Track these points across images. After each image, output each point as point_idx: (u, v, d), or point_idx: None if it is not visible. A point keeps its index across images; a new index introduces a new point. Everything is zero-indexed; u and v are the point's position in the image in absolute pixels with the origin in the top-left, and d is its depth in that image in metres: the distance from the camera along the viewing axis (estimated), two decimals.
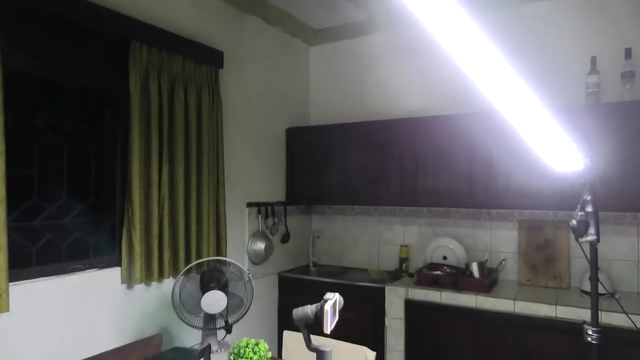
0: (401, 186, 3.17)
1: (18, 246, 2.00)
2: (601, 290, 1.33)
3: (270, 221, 3.43)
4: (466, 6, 0.85)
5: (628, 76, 2.66)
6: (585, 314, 2.35)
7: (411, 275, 3.27)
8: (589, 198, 1.26)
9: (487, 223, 3.22)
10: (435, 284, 2.89)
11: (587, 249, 1.32)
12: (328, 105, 3.90)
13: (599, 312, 1.33)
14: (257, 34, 3.34)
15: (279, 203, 3.53)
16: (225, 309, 2.01)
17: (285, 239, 3.57)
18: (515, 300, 2.57)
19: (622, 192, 2.48)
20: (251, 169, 3.28)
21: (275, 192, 3.54)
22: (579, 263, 2.89)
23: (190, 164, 2.60)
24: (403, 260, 3.43)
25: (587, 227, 1.28)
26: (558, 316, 2.44)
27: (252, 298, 2.14)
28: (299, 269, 3.69)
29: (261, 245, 3.24)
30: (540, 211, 3.02)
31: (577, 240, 1.32)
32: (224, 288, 2.06)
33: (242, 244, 3.18)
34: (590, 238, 1.28)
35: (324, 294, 1.18)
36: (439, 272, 2.99)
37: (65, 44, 2.15)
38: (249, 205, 3.22)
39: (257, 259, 3.26)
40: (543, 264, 2.95)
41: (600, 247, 1.47)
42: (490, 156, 2.87)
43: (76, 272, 2.16)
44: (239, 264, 2.17)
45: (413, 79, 3.46)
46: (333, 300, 1.16)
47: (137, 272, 2.31)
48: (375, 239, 3.67)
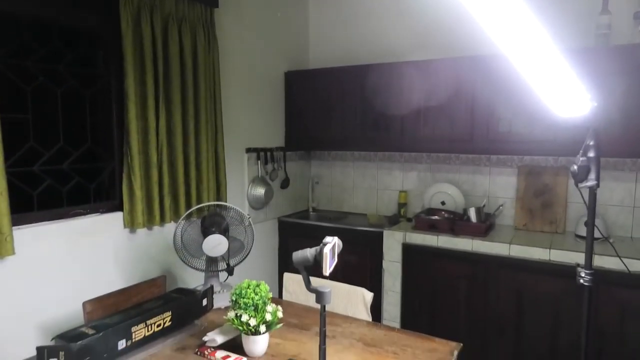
0: (401, 132, 3.14)
1: (19, 192, 2.01)
2: (596, 234, 1.35)
3: (269, 167, 3.43)
4: None
5: None
6: (579, 258, 2.41)
7: (409, 220, 3.32)
8: (591, 143, 1.24)
9: (486, 169, 3.22)
10: (432, 228, 2.94)
11: (585, 194, 1.33)
12: (328, 48, 3.77)
13: (592, 255, 1.36)
14: None
15: (278, 149, 3.51)
16: (226, 252, 2.05)
17: (284, 184, 3.59)
18: (510, 244, 2.62)
19: (624, 137, 2.46)
20: (250, 114, 3.23)
21: (274, 137, 3.51)
22: (575, 208, 2.92)
23: (187, 109, 2.55)
24: (401, 205, 3.47)
25: (587, 173, 1.28)
26: (552, 259, 2.51)
27: (253, 242, 2.17)
28: (298, 214, 3.74)
29: (261, 191, 3.26)
30: (540, 157, 3.01)
31: (576, 186, 1.32)
32: (224, 232, 2.09)
33: (242, 190, 3.20)
34: (590, 183, 1.27)
35: (323, 238, 1.19)
36: (436, 217, 3.03)
37: None
38: (248, 150, 3.21)
39: (257, 204, 3.30)
40: (540, 209, 2.99)
41: (598, 193, 1.48)
42: (492, 101, 2.82)
43: (78, 217, 2.18)
44: (239, 208, 2.18)
45: (416, 20, 3.32)
46: (332, 243, 1.18)
47: (139, 217, 2.34)
48: (374, 184, 3.69)
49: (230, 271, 2.14)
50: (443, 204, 3.28)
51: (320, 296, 1.11)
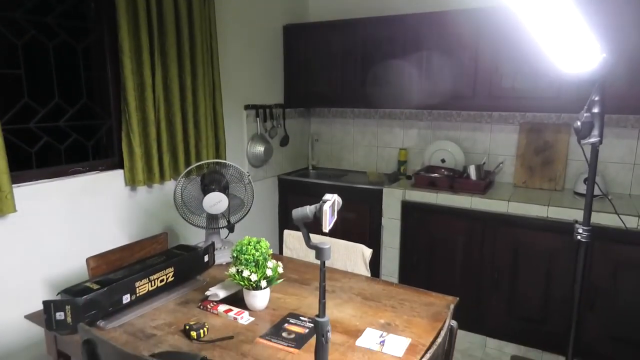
0: (403, 88, 3.08)
1: (16, 149, 2.00)
2: (595, 191, 1.35)
3: (268, 124, 3.39)
4: None
5: None
6: (576, 214, 2.43)
7: (409, 178, 3.33)
8: (597, 98, 1.22)
9: (487, 126, 3.19)
10: (432, 185, 2.95)
11: (587, 151, 1.31)
12: (328, 1, 3.63)
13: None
14: None
15: (277, 106, 3.46)
16: (226, 209, 2.06)
17: (284, 142, 3.56)
18: (509, 201, 2.64)
19: (629, 93, 2.42)
20: (248, 69, 3.16)
21: (273, 94, 3.45)
22: (575, 166, 2.92)
23: (183, 64, 2.49)
24: (401, 163, 3.46)
25: (591, 129, 1.26)
26: (549, 216, 2.53)
27: (253, 199, 2.18)
28: (298, 171, 3.74)
29: (260, 149, 3.24)
30: (543, 114, 2.97)
31: (579, 143, 1.30)
32: (224, 190, 2.09)
33: (241, 147, 3.18)
34: (592, 140, 1.26)
35: (323, 196, 1.19)
36: (436, 174, 3.03)
37: None
38: (247, 107, 3.16)
39: (257, 162, 3.29)
40: (539, 167, 2.98)
41: (599, 150, 1.46)
42: (496, 56, 2.75)
43: (77, 175, 2.18)
44: (238, 166, 2.18)
45: None
46: (332, 201, 1.18)
47: (140, 175, 2.34)
48: (374, 142, 3.66)
49: (230, 228, 2.16)
50: (443, 161, 3.27)
51: (319, 252, 1.12)
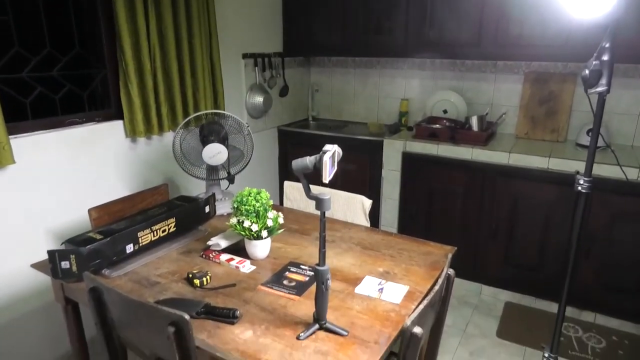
0: (406, 35, 2.98)
1: (10, 99, 1.96)
2: (598, 142, 1.33)
3: (267, 74, 3.31)
4: None
5: None
6: (577, 166, 2.42)
7: (410, 129, 3.30)
8: (607, 45, 1.17)
9: (492, 76, 3.12)
10: (433, 137, 2.92)
11: (594, 100, 1.28)
12: None
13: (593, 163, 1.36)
14: None
15: (276, 54, 3.36)
16: (226, 161, 2.05)
17: (283, 92, 3.50)
18: (510, 152, 2.62)
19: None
20: (245, 16, 3.04)
21: (271, 42, 3.34)
22: (578, 117, 2.88)
23: (178, 11, 2.40)
24: (403, 114, 3.42)
25: (599, 78, 1.22)
26: (550, 168, 2.52)
27: (252, 151, 2.17)
28: (298, 123, 3.70)
29: (259, 99, 3.19)
30: (549, 63, 2.90)
31: (585, 92, 1.27)
32: (223, 141, 2.07)
33: (240, 98, 3.12)
34: (600, 89, 1.22)
35: (323, 147, 1.17)
36: (437, 125, 2.99)
37: None
38: (245, 56, 3.07)
39: (256, 113, 3.24)
40: (543, 118, 2.94)
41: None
42: (503, 1, 2.63)
43: (75, 126, 2.15)
44: (237, 117, 2.15)
45: None
46: (332, 151, 1.16)
47: (140, 125, 2.32)
48: (375, 92, 3.59)
49: (231, 179, 2.17)
50: (445, 112, 3.22)
51: (320, 203, 1.12)
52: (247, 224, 1.55)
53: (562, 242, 2.58)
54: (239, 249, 1.67)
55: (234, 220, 1.60)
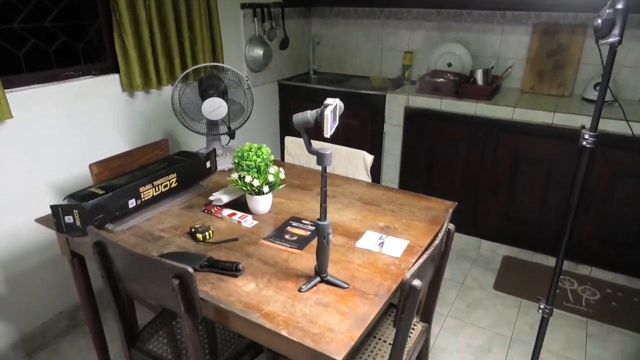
0: None
1: (3, 52, 1.91)
2: (606, 96, 1.30)
3: (267, 25, 3.21)
4: None
5: None
6: (582, 120, 2.39)
7: (413, 83, 3.23)
8: None
9: (499, 27, 3.01)
10: (436, 91, 2.87)
11: (604, 52, 1.24)
12: None
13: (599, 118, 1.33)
14: None
15: (275, 4, 3.24)
16: (226, 115, 2.02)
17: (283, 44, 3.40)
18: (514, 107, 2.58)
19: None
20: None
21: None
22: (586, 70, 2.80)
23: None
24: (406, 67, 3.33)
25: (611, 28, 1.17)
26: (554, 123, 2.49)
27: (253, 105, 2.13)
28: (299, 76, 3.62)
29: (259, 52, 3.10)
30: (559, 14, 2.79)
31: (596, 43, 1.22)
32: (223, 95, 2.03)
33: (239, 51, 3.04)
34: (612, 39, 1.18)
35: (324, 101, 1.15)
36: (441, 79, 2.93)
37: None
38: (243, 6, 2.96)
39: (256, 66, 3.17)
40: (550, 71, 2.87)
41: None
42: None
43: (71, 80, 2.11)
44: (236, 70, 2.10)
45: None
46: (333, 105, 1.14)
47: (137, 79, 2.27)
48: (378, 44, 3.49)
49: (231, 134, 2.14)
50: (449, 65, 3.14)
51: (321, 158, 1.11)
52: (248, 179, 1.55)
53: (562, 198, 2.59)
54: (240, 204, 1.68)
55: (235, 175, 1.60)
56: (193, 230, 1.47)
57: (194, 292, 1.17)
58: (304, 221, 1.58)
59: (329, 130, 1.13)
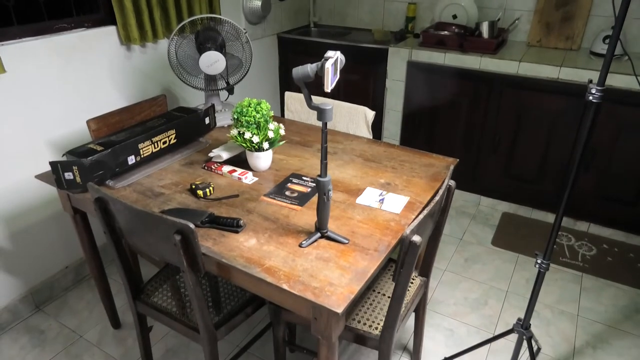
0: None
1: None
2: (615, 50, 1.25)
3: None
4: None
5: None
6: (589, 75, 2.33)
7: (416, 36, 3.13)
8: None
9: None
10: (440, 44, 2.79)
11: (617, 2, 1.19)
12: None
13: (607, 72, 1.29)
14: None
15: None
16: (224, 70, 1.98)
17: None
18: (520, 62, 2.51)
19: None
20: None
21: None
22: (596, 22, 2.71)
23: None
24: (409, 19, 3.22)
25: None
26: (560, 77, 2.43)
27: (251, 59, 2.08)
28: (299, 29, 3.51)
29: (257, 3, 2.99)
30: None
31: None
32: (221, 49, 1.98)
33: (236, 1, 2.93)
34: None
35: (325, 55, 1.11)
36: (446, 32, 2.84)
37: None
38: None
39: (254, 18, 3.06)
40: (558, 23, 2.77)
41: None
42: None
43: (64, 32, 2.04)
44: (234, 22, 2.03)
45: None
46: (334, 58, 1.10)
47: (134, 32, 2.20)
48: None
49: (230, 90, 2.11)
50: (454, 17, 3.04)
51: (321, 113, 1.09)
52: (248, 135, 1.53)
53: (563, 155, 2.57)
54: (240, 161, 1.68)
55: (234, 131, 1.58)
56: (194, 186, 1.48)
57: (196, 248, 1.18)
58: (304, 178, 1.58)
59: (329, 84, 1.10)
